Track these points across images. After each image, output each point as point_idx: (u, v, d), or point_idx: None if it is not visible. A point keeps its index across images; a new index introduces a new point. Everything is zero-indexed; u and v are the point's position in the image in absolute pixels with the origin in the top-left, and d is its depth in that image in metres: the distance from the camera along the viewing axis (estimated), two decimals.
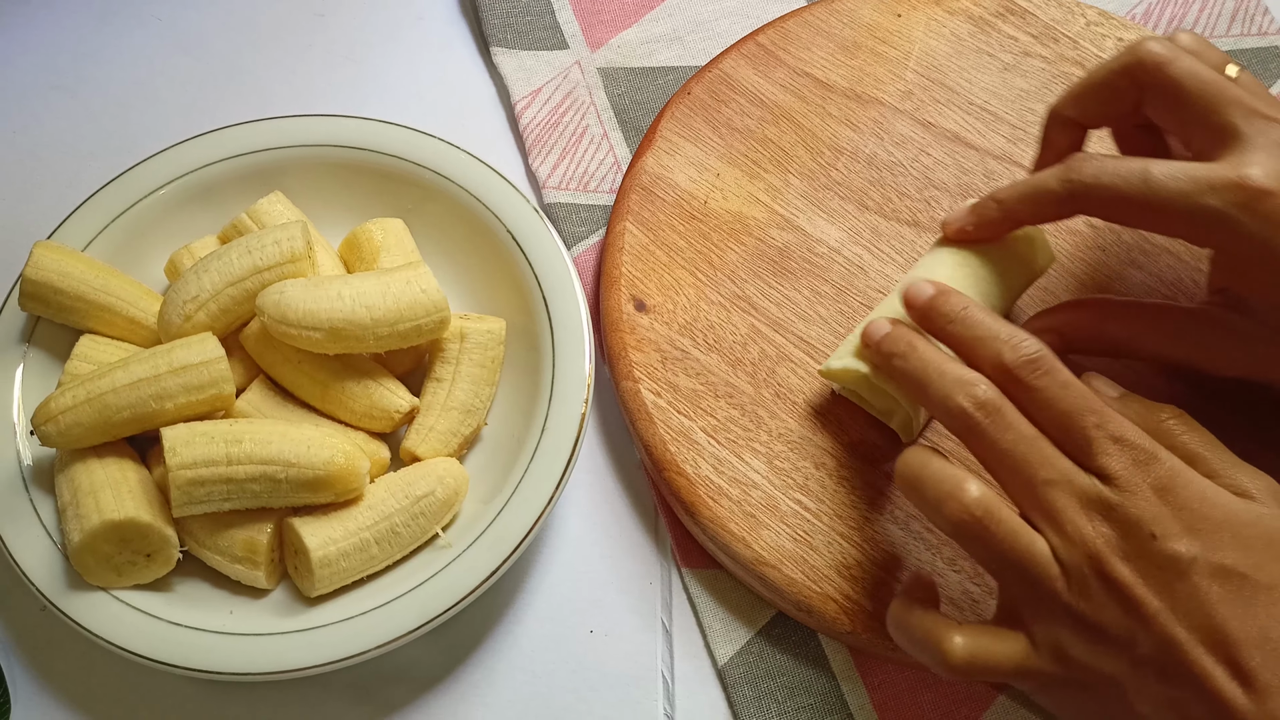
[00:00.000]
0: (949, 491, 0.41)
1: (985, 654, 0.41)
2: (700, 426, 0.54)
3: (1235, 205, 0.44)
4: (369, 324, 0.50)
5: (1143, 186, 0.45)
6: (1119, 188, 0.46)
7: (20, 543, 0.49)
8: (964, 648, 0.41)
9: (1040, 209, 0.49)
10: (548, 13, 0.70)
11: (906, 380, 0.44)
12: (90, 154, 0.65)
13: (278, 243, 0.52)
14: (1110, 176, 0.46)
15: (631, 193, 0.60)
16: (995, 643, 0.41)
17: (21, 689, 0.51)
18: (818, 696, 0.50)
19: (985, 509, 0.40)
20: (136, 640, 0.47)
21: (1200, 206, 0.44)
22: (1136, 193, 0.45)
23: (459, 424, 0.53)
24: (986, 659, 0.41)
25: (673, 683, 0.51)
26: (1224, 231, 0.45)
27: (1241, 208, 0.44)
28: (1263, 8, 0.70)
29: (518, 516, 0.50)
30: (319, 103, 0.66)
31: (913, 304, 0.46)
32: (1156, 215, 0.46)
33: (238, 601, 0.50)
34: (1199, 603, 0.38)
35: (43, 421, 0.48)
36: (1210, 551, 0.39)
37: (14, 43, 0.69)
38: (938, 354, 0.44)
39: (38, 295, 0.52)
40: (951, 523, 0.41)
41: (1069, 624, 0.40)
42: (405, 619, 0.48)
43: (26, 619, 0.52)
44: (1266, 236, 0.44)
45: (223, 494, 0.47)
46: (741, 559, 0.51)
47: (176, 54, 0.69)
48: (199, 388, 0.49)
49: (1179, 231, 0.47)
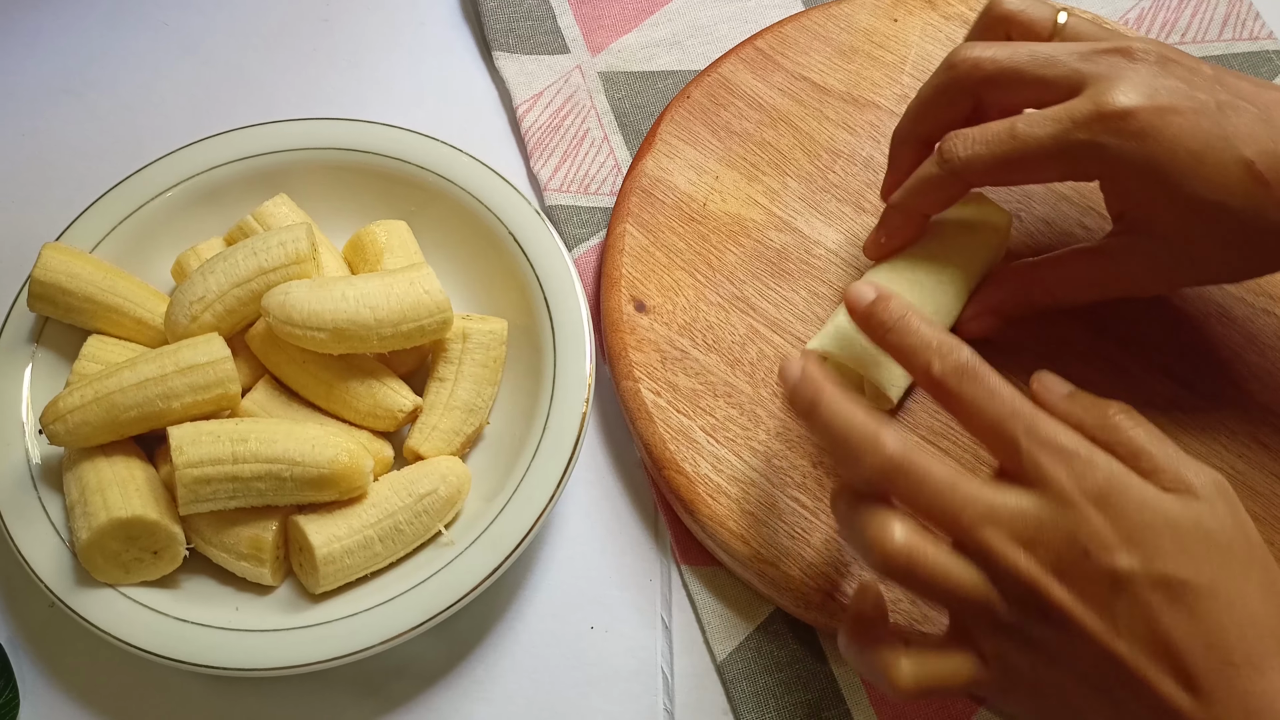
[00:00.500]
0: (873, 536, 0.40)
1: (933, 675, 0.40)
2: (699, 425, 0.54)
3: (1103, 133, 0.45)
4: (373, 324, 0.50)
5: (1013, 143, 0.47)
6: (992, 152, 0.47)
7: (29, 540, 0.49)
8: (910, 673, 0.40)
9: (933, 196, 0.50)
10: (549, 17, 0.70)
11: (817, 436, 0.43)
12: (98, 157, 0.65)
13: (283, 244, 0.52)
14: (981, 145, 0.48)
15: (631, 195, 0.60)
16: (943, 663, 0.41)
17: (30, 685, 0.50)
18: (815, 692, 0.50)
19: (909, 554, 0.39)
20: (143, 636, 0.47)
21: (1071, 144, 0.46)
22: (1009, 150, 0.47)
23: (461, 423, 0.53)
24: (935, 679, 0.40)
25: (672, 678, 0.51)
26: (1099, 160, 0.46)
27: (1109, 133, 0.45)
28: (1254, 12, 0.70)
29: (519, 514, 0.50)
30: (323, 106, 0.66)
31: (853, 308, 0.45)
32: (1034, 165, 0.47)
33: (243, 598, 0.50)
34: (1140, 614, 0.37)
35: (51, 420, 0.48)
36: (1149, 561, 0.38)
37: (23, 47, 0.69)
38: (843, 408, 0.41)
39: (46, 296, 0.52)
40: (879, 567, 0.40)
41: (1014, 641, 0.39)
42: (408, 615, 0.48)
43: (35, 615, 0.52)
44: (1138, 152, 0.45)
45: (228, 492, 0.47)
46: (740, 556, 0.51)
47: (183, 58, 0.69)
48: (205, 387, 0.49)
49: (1059, 173, 0.49)
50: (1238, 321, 0.57)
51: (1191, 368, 0.55)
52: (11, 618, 0.52)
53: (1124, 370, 0.55)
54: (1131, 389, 0.55)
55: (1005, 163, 0.47)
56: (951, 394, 0.42)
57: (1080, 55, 0.47)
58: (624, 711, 0.50)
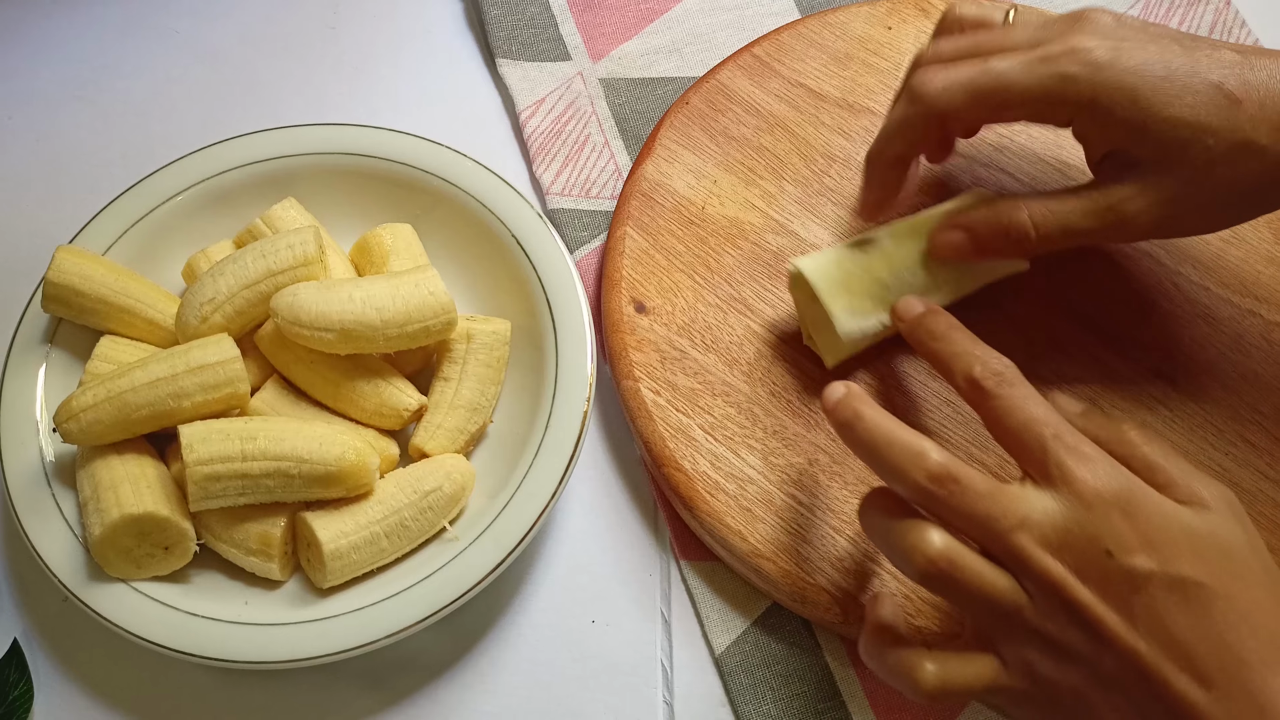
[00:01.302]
0: (913, 544, 0.40)
1: (957, 677, 0.41)
2: (698, 424, 0.54)
3: (1072, 64, 0.47)
4: (379, 325, 0.50)
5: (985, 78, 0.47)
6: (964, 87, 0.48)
7: (43, 536, 0.49)
8: (935, 675, 0.40)
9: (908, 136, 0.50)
10: (551, 25, 0.70)
11: (856, 449, 0.43)
12: (111, 161, 0.65)
13: (291, 247, 0.52)
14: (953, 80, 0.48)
15: (632, 199, 0.60)
16: (966, 666, 0.41)
17: (44, 677, 0.51)
18: (811, 684, 0.50)
19: (950, 559, 0.40)
20: (155, 630, 0.47)
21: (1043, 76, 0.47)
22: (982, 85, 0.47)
23: (465, 421, 0.53)
24: (959, 682, 0.41)
25: (671, 671, 0.51)
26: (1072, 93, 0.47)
27: (1078, 64, 0.46)
28: (1239, 20, 0.70)
29: (522, 511, 0.50)
30: (330, 112, 0.66)
31: (902, 318, 0.48)
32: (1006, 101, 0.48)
33: (252, 593, 0.50)
34: (1158, 614, 0.38)
35: (65, 419, 0.48)
36: (1168, 564, 0.38)
37: (38, 55, 0.69)
38: (884, 423, 0.42)
39: (60, 297, 0.52)
40: (919, 574, 0.40)
41: (1037, 645, 0.40)
42: (414, 609, 0.48)
43: (49, 610, 0.52)
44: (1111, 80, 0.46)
45: (238, 489, 0.47)
46: (738, 552, 0.51)
47: (194, 66, 0.69)
48: (215, 386, 0.49)
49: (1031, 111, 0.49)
50: (1224, 322, 0.57)
51: (1179, 368, 0.55)
52: (26, 612, 0.52)
53: (1113, 370, 0.55)
54: (1120, 388, 0.55)
55: (978, 96, 0.47)
56: (989, 396, 0.43)
57: (1037, 26, 0.49)
58: (624, 703, 0.50)
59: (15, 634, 0.51)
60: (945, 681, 0.40)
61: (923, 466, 0.41)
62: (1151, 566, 0.38)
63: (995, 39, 0.49)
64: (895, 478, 0.42)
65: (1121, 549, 0.39)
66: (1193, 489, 0.41)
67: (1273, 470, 0.53)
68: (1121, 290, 0.58)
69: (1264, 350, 0.56)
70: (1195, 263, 0.58)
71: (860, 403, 0.43)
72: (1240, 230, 0.59)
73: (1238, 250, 0.59)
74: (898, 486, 0.42)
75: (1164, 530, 0.39)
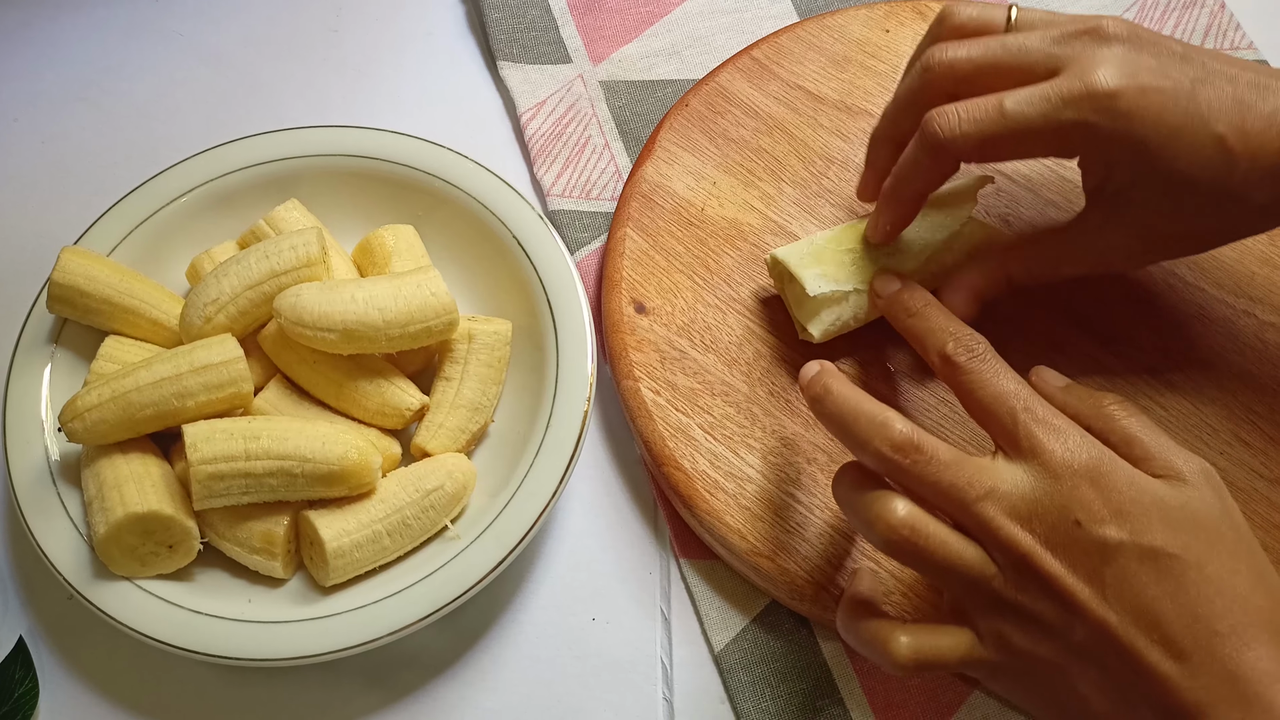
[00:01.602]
0: (877, 513, 0.41)
1: (930, 650, 0.41)
2: (698, 423, 0.54)
3: (1092, 112, 0.46)
4: (381, 325, 0.50)
5: (1003, 121, 0.46)
6: (980, 130, 0.46)
7: (48, 534, 0.49)
8: (909, 646, 0.41)
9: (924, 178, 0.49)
10: (552, 29, 0.70)
11: (827, 423, 0.44)
12: (115, 163, 0.65)
13: (294, 248, 0.52)
14: (968, 123, 0.47)
15: (632, 200, 0.60)
16: (940, 638, 0.41)
17: (49, 674, 0.51)
18: (810, 681, 0.50)
19: (912, 527, 0.40)
20: (159, 627, 0.47)
21: (1060, 123, 0.46)
22: (998, 129, 0.46)
23: (467, 421, 0.53)
24: (932, 654, 0.41)
25: (671, 668, 0.51)
26: (1086, 138, 0.47)
27: (1098, 112, 0.46)
28: (1234, 23, 0.70)
29: (523, 510, 0.50)
30: (333, 114, 0.66)
31: (879, 294, 0.49)
32: (1021, 142, 0.47)
33: (256, 590, 0.50)
34: (1129, 584, 0.38)
35: (70, 418, 0.48)
36: (1139, 535, 0.38)
37: (42, 57, 0.69)
38: (853, 396, 0.43)
39: (65, 298, 0.52)
40: (882, 541, 0.41)
41: (1009, 616, 0.40)
42: (416, 607, 0.48)
43: (54, 607, 0.52)
44: (1125, 131, 0.46)
45: (241, 488, 0.48)
46: (737, 550, 0.51)
47: (197, 68, 0.69)
48: (219, 386, 0.49)
49: (1044, 150, 0.49)
50: (1219, 323, 0.57)
51: (1175, 368, 0.55)
52: (32, 610, 0.52)
53: (1109, 370, 0.55)
54: (1116, 388, 0.55)
55: (993, 140, 0.47)
56: (960, 370, 0.43)
57: (1054, 40, 0.47)
58: (624, 700, 0.50)
59: (21, 631, 0.51)
60: (918, 653, 0.41)
61: (886, 436, 0.41)
62: (1122, 537, 0.38)
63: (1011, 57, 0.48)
64: (860, 448, 0.42)
65: (1091, 519, 0.39)
66: (1170, 462, 0.41)
67: (1268, 470, 0.53)
68: (1117, 291, 0.58)
69: (1258, 350, 0.56)
70: (1190, 264, 0.58)
71: (830, 377, 0.44)
72: None
73: (1232, 251, 0.59)
74: (864, 457, 0.42)
75: (1135, 501, 0.39)
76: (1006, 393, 0.42)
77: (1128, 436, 0.42)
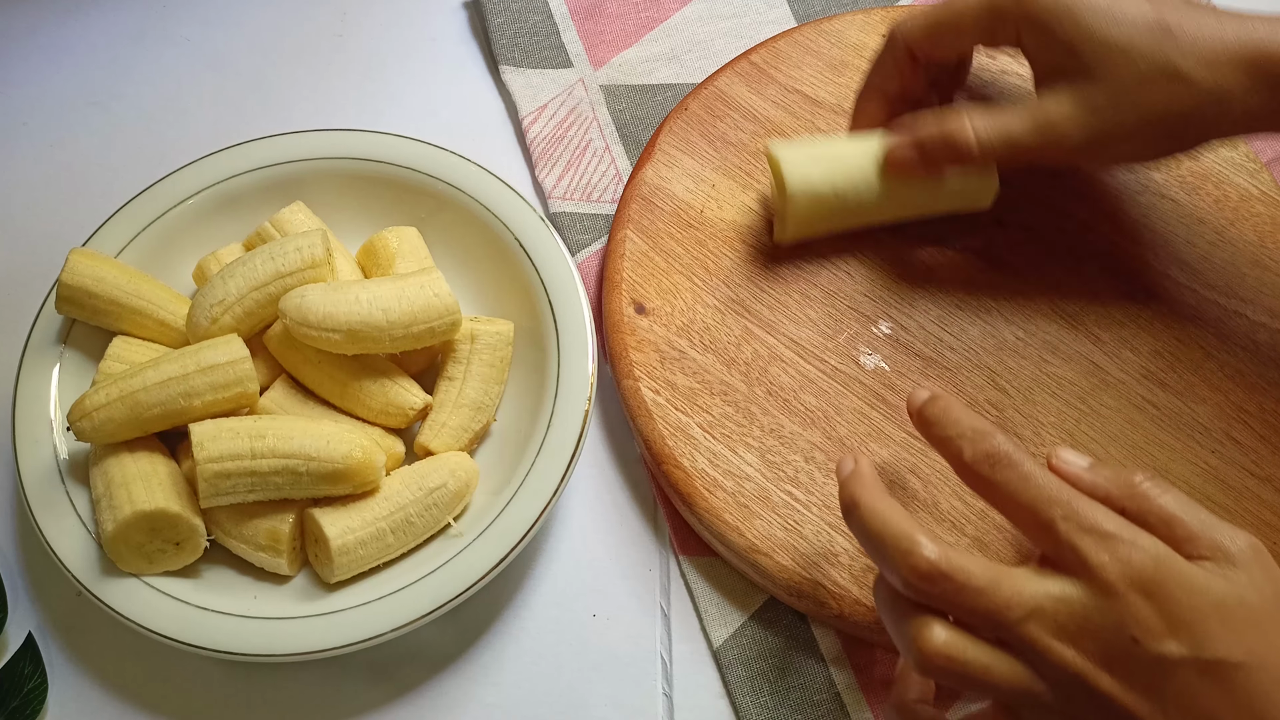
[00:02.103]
0: (913, 638, 0.38)
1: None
2: (697, 422, 0.54)
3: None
4: (385, 326, 0.50)
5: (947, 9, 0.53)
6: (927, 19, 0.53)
7: (57, 532, 0.49)
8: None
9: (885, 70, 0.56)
10: (553, 33, 0.70)
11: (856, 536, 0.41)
12: (123, 166, 0.65)
13: (299, 250, 0.52)
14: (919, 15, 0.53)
15: (632, 202, 0.60)
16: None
17: (58, 669, 0.51)
18: (807, 676, 0.50)
19: (949, 656, 0.38)
20: (166, 623, 0.47)
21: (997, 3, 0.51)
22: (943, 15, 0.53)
23: (470, 420, 0.53)
24: None
25: (671, 663, 0.51)
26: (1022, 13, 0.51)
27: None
28: None
29: (525, 507, 0.50)
30: (338, 118, 0.66)
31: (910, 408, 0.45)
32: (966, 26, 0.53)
33: (261, 587, 0.50)
34: (1192, 699, 0.36)
35: (78, 418, 0.48)
36: (1200, 648, 0.36)
37: (52, 62, 0.69)
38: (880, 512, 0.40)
39: (73, 299, 0.52)
40: (920, 669, 0.38)
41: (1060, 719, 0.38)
42: (419, 603, 0.48)
43: (63, 604, 0.52)
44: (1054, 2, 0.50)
45: (247, 486, 0.47)
46: (735, 547, 0.51)
47: (204, 72, 0.69)
48: (225, 386, 0.49)
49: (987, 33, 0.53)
50: (1211, 323, 0.57)
51: (1167, 368, 0.55)
52: (40, 606, 0.52)
53: (1102, 370, 0.55)
54: (1110, 389, 0.55)
55: (939, 26, 0.53)
56: (985, 481, 0.40)
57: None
58: (625, 695, 0.50)
59: (30, 628, 0.51)
60: None
61: (912, 565, 0.38)
62: (1182, 652, 0.36)
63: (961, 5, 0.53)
64: (889, 573, 0.40)
65: (1148, 635, 0.36)
66: (1215, 542, 0.38)
67: (1259, 468, 0.53)
68: (1110, 292, 0.58)
69: (1249, 350, 0.56)
70: (1182, 265, 0.58)
71: (859, 486, 0.41)
72: (1226, 233, 0.59)
73: (1223, 253, 0.59)
74: (893, 581, 0.39)
75: (1192, 609, 0.36)
76: (1040, 500, 0.39)
77: (1167, 517, 0.39)
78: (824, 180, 0.55)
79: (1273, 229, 0.60)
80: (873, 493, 0.41)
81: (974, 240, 0.59)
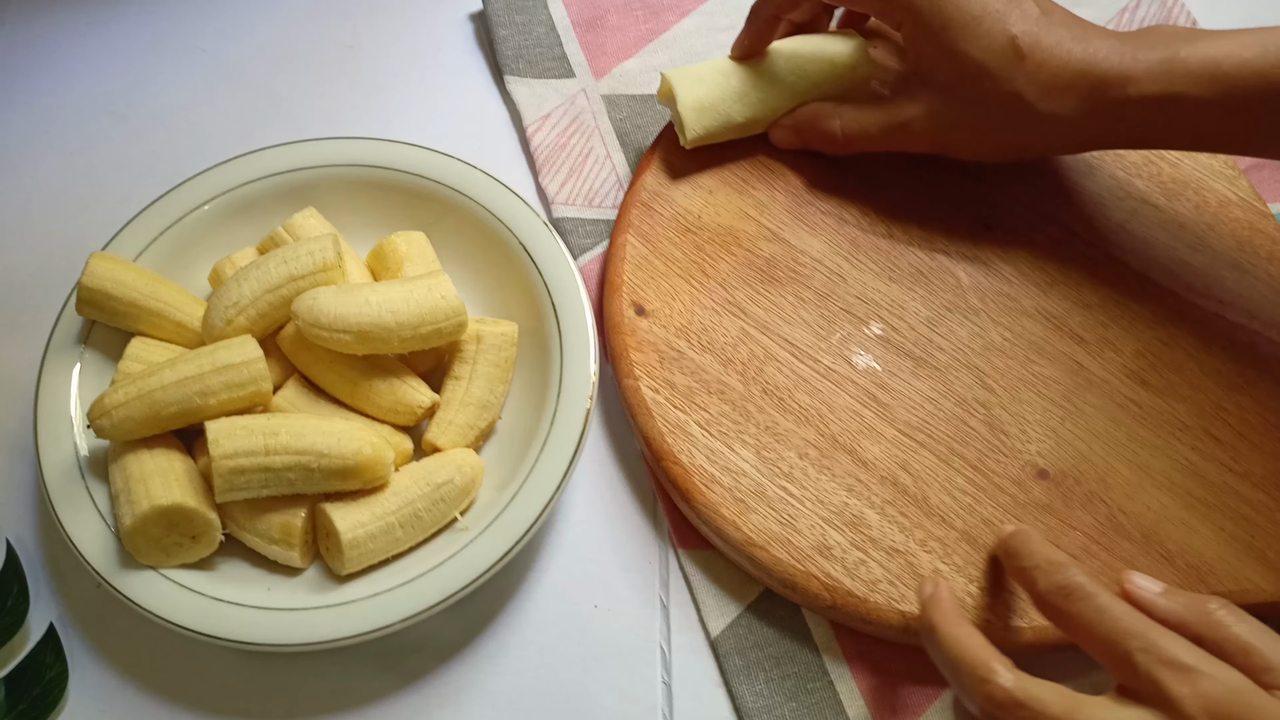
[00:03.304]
0: None
1: None
2: (695, 420, 0.54)
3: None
4: (394, 327, 0.50)
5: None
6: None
7: (77, 526, 0.49)
8: None
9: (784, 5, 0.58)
10: (556, 45, 0.70)
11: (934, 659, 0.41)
12: (141, 173, 0.65)
13: (311, 254, 0.52)
14: None
15: (632, 208, 0.60)
16: None
17: (78, 659, 0.51)
18: (801, 665, 0.50)
19: None
20: (183, 614, 0.47)
21: None
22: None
23: (476, 418, 0.53)
24: None
25: (670, 653, 0.51)
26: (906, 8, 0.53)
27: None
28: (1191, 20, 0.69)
29: (529, 503, 0.50)
30: (348, 126, 0.66)
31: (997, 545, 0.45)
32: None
33: (275, 579, 0.50)
34: None
35: (98, 416, 0.48)
36: None
37: (71, 72, 0.69)
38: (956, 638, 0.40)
39: (93, 301, 0.52)
40: None
41: None
42: (427, 595, 0.48)
43: (83, 596, 0.52)
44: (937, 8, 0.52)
45: (261, 481, 0.48)
46: (732, 541, 0.51)
47: (219, 82, 0.69)
48: (239, 385, 0.49)
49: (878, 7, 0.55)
50: (1191, 324, 0.57)
51: (1149, 367, 0.55)
52: (62, 598, 0.52)
53: (1087, 370, 0.55)
54: (1094, 388, 0.55)
55: None
56: (1060, 612, 0.40)
57: None
58: (625, 684, 0.50)
59: (51, 619, 0.51)
60: None
61: (987, 694, 0.38)
62: None
63: None
64: (965, 699, 0.39)
65: None
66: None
67: (1237, 464, 0.53)
68: (1093, 294, 0.58)
69: (1228, 351, 0.56)
70: (1163, 268, 0.58)
71: (937, 613, 0.41)
72: (1205, 238, 0.59)
73: (1203, 256, 0.59)
74: (969, 707, 0.39)
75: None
76: (1118, 632, 0.38)
77: (1243, 646, 0.38)
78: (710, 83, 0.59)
79: (1250, 234, 0.60)
80: (950, 619, 0.40)
81: (962, 245, 0.59)
